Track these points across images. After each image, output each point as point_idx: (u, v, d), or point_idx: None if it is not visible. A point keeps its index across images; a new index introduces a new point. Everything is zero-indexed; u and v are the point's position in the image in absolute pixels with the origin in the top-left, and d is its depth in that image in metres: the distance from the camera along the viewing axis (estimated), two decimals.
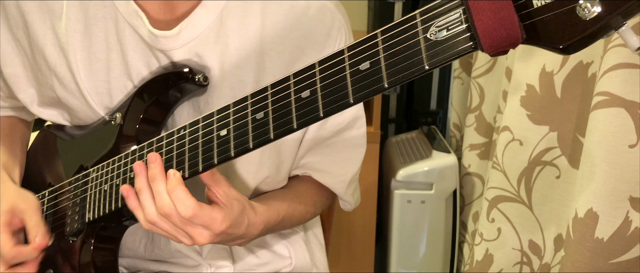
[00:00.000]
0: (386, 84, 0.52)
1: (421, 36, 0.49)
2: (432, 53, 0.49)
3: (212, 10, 0.75)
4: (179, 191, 0.65)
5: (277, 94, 0.59)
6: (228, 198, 0.70)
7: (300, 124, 0.58)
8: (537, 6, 0.44)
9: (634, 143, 0.85)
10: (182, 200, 0.65)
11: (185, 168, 0.67)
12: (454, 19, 0.48)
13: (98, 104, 0.80)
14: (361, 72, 0.53)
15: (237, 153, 0.62)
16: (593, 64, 0.99)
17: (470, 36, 0.47)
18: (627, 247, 0.89)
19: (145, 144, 0.73)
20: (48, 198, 0.86)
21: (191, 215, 0.65)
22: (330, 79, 0.55)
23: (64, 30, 0.78)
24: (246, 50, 0.76)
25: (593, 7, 0.42)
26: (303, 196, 0.89)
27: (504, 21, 0.45)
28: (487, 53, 0.47)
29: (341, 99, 0.54)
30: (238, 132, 0.62)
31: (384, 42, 0.52)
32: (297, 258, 0.94)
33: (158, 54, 0.77)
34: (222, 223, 0.68)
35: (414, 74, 0.50)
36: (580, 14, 0.42)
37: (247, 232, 0.74)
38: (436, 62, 0.49)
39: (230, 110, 0.63)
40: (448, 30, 0.48)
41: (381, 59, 0.52)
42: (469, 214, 1.63)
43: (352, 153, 0.88)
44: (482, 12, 0.45)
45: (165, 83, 0.76)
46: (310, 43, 0.78)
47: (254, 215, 0.75)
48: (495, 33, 0.45)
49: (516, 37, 0.45)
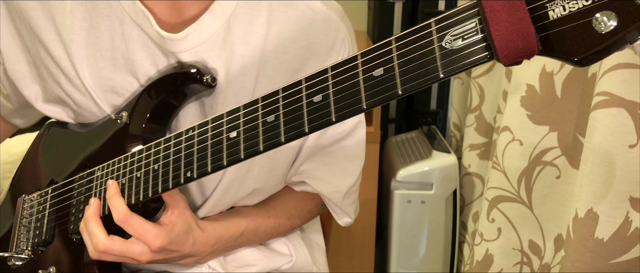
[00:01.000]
0: (400, 91, 0.52)
1: (436, 45, 0.50)
2: (447, 62, 0.49)
3: (220, 16, 0.75)
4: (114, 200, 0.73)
5: (288, 98, 0.60)
6: (173, 218, 0.74)
7: (312, 128, 0.58)
8: (553, 19, 0.45)
9: (634, 143, 0.85)
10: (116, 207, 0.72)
11: (193, 168, 0.67)
12: (470, 28, 0.48)
13: (103, 101, 0.80)
14: (375, 78, 0.53)
15: (247, 155, 0.63)
16: (593, 64, 0.99)
17: (486, 46, 0.47)
18: (627, 247, 0.89)
19: (152, 144, 0.73)
20: (51, 195, 0.86)
21: (122, 219, 0.72)
22: (343, 85, 0.56)
23: (68, 28, 0.78)
24: (250, 57, 0.76)
25: (609, 20, 0.42)
26: (274, 210, 0.89)
27: (521, 33, 0.45)
28: (502, 63, 0.47)
29: (354, 105, 0.55)
30: (248, 134, 0.62)
31: (398, 50, 0.52)
32: (297, 255, 0.94)
33: (164, 52, 0.77)
34: (157, 238, 0.72)
35: (428, 82, 0.51)
36: (596, 27, 0.43)
37: (195, 250, 0.78)
38: (451, 71, 0.49)
39: (241, 112, 0.63)
40: (463, 39, 0.48)
41: (395, 65, 0.52)
42: (469, 214, 1.63)
43: (349, 164, 0.89)
44: (500, 23, 0.46)
45: (173, 83, 0.76)
46: (313, 54, 0.78)
47: (200, 233, 0.78)
48: (513, 44, 0.46)
49: (532, 49, 0.46)
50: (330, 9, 0.79)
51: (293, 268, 0.94)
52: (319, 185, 0.89)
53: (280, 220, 0.90)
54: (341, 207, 0.91)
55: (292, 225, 0.92)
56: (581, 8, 0.43)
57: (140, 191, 0.73)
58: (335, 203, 0.91)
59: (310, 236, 1.01)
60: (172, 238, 0.74)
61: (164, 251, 0.74)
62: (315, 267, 0.97)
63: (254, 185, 0.83)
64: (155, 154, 0.72)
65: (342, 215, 0.93)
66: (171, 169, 0.70)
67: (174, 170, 0.69)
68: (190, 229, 0.77)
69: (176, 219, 0.74)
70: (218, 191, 0.81)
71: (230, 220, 0.84)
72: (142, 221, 0.73)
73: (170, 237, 0.73)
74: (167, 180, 0.70)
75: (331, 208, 0.93)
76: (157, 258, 0.75)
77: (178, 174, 0.69)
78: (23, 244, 0.86)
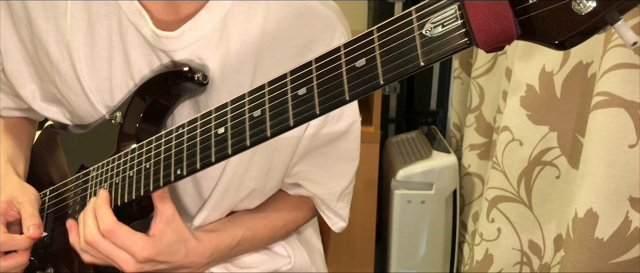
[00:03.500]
0: (382, 81, 0.52)
1: (417, 33, 0.50)
2: (428, 49, 0.49)
3: (216, 14, 0.75)
4: (101, 210, 0.73)
5: (273, 92, 0.60)
6: (161, 227, 0.73)
7: (297, 122, 0.58)
8: (532, 1, 0.44)
9: (633, 143, 0.85)
10: (103, 217, 0.72)
11: (183, 166, 0.67)
12: (450, 15, 0.48)
13: (99, 101, 0.80)
14: (357, 69, 0.53)
15: (235, 151, 0.62)
16: (593, 64, 0.99)
17: (465, 32, 0.47)
18: (627, 247, 0.89)
19: (144, 142, 0.73)
20: (49, 196, 0.86)
21: (109, 230, 0.71)
22: (327, 76, 0.55)
23: (68, 27, 0.78)
24: (246, 54, 0.76)
25: (588, 1, 0.41)
26: (270, 217, 0.89)
27: (498, 17, 0.45)
28: (482, 49, 0.47)
29: (337, 97, 0.55)
30: (235, 130, 0.62)
31: (379, 39, 0.52)
32: (295, 256, 0.94)
33: (160, 54, 0.77)
34: (143, 249, 0.71)
35: (409, 71, 0.50)
36: (575, 9, 0.42)
37: (189, 261, 0.77)
38: (431, 59, 0.49)
39: (228, 108, 0.63)
40: (443, 26, 0.48)
41: (377, 55, 0.52)
42: (469, 214, 1.63)
43: (344, 165, 0.88)
44: (477, 8, 0.45)
45: (164, 82, 0.76)
46: (310, 52, 0.78)
47: (196, 243, 0.77)
48: (490, 29, 0.45)
49: (511, 33, 0.45)
50: (327, 7, 0.79)
51: (292, 270, 0.94)
52: (314, 186, 0.88)
53: (276, 226, 0.89)
54: (335, 210, 0.91)
55: (288, 230, 0.92)
56: None
57: (133, 191, 0.73)
58: (328, 206, 0.90)
59: (308, 238, 1.01)
60: (159, 249, 0.73)
61: (151, 262, 0.73)
62: (314, 267, 0.97)
63: (253, 185, 0.82)
64: (147, 152, 0.72)
65: (335, 220, 0.92)
66: (162, 167, 0.70)
67: (164, 168, 0.70)
68: (182, 239, 0.76)
69: (164, 228, 0.73)
70: (216, 191, 0.81)
71: (226, 229, 0.83)
72: (129, 232, 0.72)
73: (157, 248, 0.73)
74: (158, 178, 0.70)
75: (324, 213, 0.92)
76: (144, 269, 0.74)
77: (168, 172, 0.69)
78: None
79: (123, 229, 0.72)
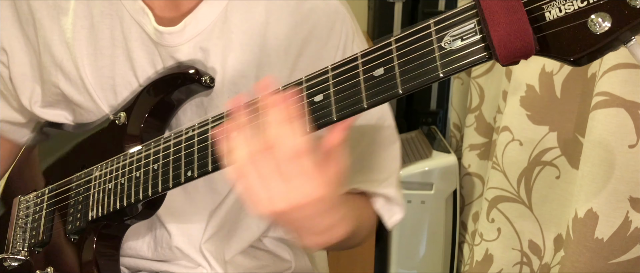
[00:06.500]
0: (400, 91, 0.53)
1: (435, 45, 0.51)
2: (447, 62, 0.51)
3: (216, 6, 0.75)
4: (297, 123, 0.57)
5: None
6: None
7: (313, 128, 0.58)
8: (549, 20, 0.46)
9: (633, 143, 0.85)
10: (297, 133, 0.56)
11: (194, 168, 0.67)
12: (469, 29, 0.50)
13: (102, 100, 0.80)
14: (375, 78, 0.55)
15: None
16: (593, 64, 0.99)
17: (485, 46, 0.49)
18: (627, 247, 0.89)
19: (151, 142, 0.73)
20: (48, 196, 0.86)
21: (304, 149, 0.55)
22: (344, 84, 0.57)
23: (70, 26, 0.78)
24: (250, 46, 0.76)
25: (604, 22, 0.43)
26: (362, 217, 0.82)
27: (519, 33, 0.47)
28: (500, 63, 0.48)
29: (355, 104, 0.56)
30: None
31: (398, 50, 0.53)
32: (297, 260, 0.93)
33: (162, 51, 0.77)
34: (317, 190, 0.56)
35: (428, 82, 0.52)
36: (591, 28, 0.44)
37: (335, 225, 0.63)
38: (450, 71, 0.51)
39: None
40: (462, 40, 0.50)
41: (395, 65, 0.53)
42: (469, 214, 1.63)
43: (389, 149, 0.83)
44: (498, 24, 0.47)
45: (171, 84, 0.76)
46: (314, 38, 0.77)
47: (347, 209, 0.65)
48: (511, 44, 0.47)
49: (530, 49, 0.47)
50: None
51: None
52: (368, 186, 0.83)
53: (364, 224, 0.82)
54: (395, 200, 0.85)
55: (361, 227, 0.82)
56: (576, 9, 0.44)
57: (140, 192, 0.73)
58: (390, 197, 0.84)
59: None
60: (335, 189, 0.59)
61: (320, 201, 0.57)
62: (315, 269, 0.97)
63: None
64: (155, 153, 0.72)
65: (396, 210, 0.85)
66: (171, 168, 0.70)
67: (174, 170, 0.69)
68: None
69: None
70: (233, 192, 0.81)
71: None
72: None
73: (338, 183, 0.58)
74: (167, 179, 0.70)
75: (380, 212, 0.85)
76: (302, 213, 0.58)
77: (178, 173, 0.69)
78: (19, 245, 0.86)
79: None
